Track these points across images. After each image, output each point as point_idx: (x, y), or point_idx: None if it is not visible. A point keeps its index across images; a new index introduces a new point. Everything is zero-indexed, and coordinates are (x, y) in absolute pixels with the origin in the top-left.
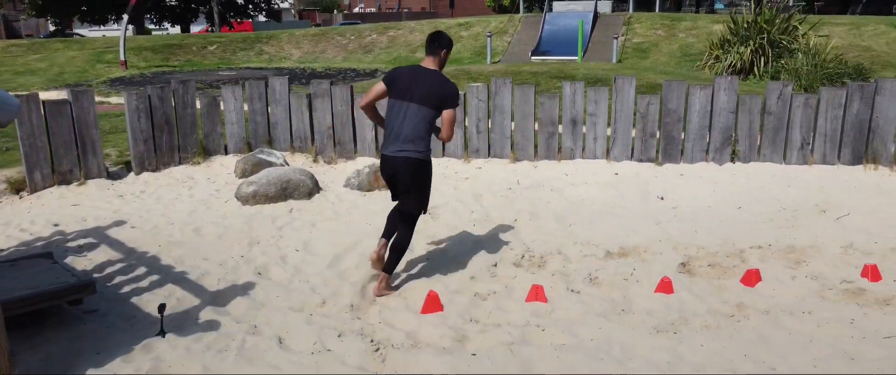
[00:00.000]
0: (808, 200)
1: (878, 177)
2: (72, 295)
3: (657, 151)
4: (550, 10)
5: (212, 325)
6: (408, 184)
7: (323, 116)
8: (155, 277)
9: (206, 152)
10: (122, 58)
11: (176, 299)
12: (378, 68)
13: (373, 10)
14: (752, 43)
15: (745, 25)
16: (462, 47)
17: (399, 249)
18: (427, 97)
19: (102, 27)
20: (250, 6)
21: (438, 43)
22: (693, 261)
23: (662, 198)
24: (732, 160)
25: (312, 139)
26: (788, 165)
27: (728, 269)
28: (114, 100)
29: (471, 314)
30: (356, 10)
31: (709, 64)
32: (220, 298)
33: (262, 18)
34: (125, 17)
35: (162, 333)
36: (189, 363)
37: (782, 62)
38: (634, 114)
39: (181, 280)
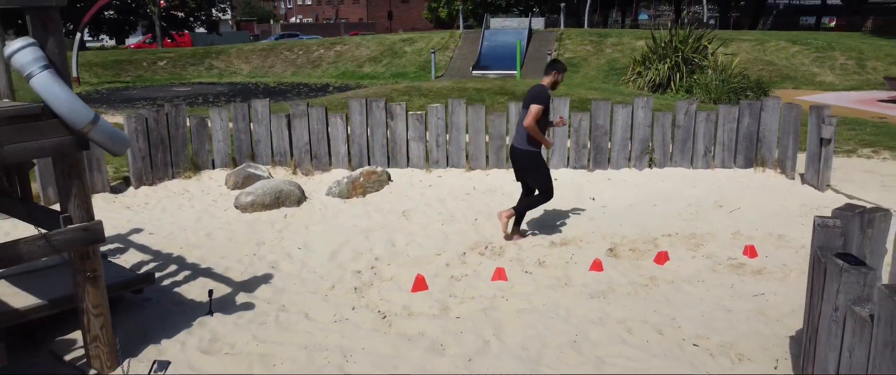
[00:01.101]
0: (709, 198)
1: (764, 178)
2: (137, 285)
3: (588, 160)
4: (488, 27)
5: (248, 306)
6: (516, 167)
7: (301, 134)
8: (187, 272)
9: (196, 167)
10: (74, 74)
11: (212, 288)
12: (328, 83)
13: (310, 20)
14: (668, 60)
15: (663, 44)
16: (407, 62)
17: (519, 210)
18: (525, 101)
19: None
20: (191, 19)
21: (550, 67)
22: (618, 247)
23: (593, 199)
24: (650, 166)
25: (291, 154)
26: (695, 169)
27: (644, 252)
28: None
29: (450, 291)
30: (292, 20)
31: (632, 79)
32: (246, 286)
33: (200, 30)
34: (78, 34)
35: (210, 312)
36: (238, 333)
37: (695, 77)
38: (568, 129)
39: (210, 273)
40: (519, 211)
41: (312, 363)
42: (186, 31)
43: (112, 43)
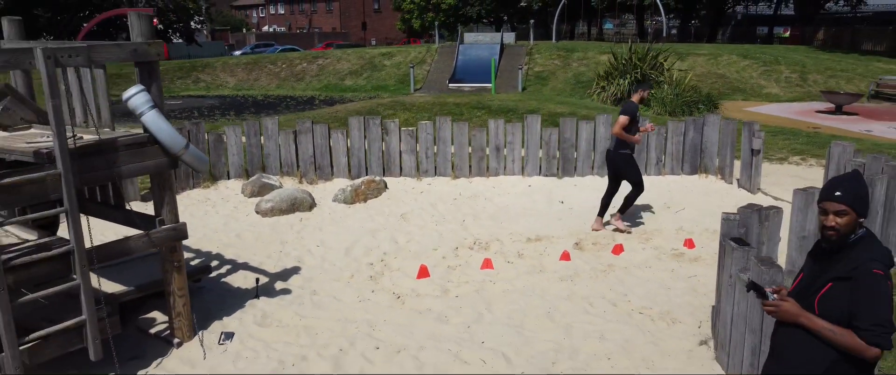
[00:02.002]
0: (659, 200)
1: (707, 183)
2: (197, 275)
3: (558, 168)
4: (462, 42)
5: (285, 291)
6: (611, 167)
7: (306, 148)
8: (229, 266)
9: (214, 177)
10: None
11: (253, 278)
12: (314, 95)
13: (282, 29)
14: (629, 76)
15: (624, 61)
16: (386, 75)
17: (625, 203)
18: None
19: None
20: (169, 31)
21: (637, 86)
22: (582, 241)
23: (562, 202)
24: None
25: (297, 165)
26: (648, 176)
27: (604, 245)
28: None
29: (448, 277)
30: (265, 28)
31: (597, 92)
32: (280, 276)
33: (177, 41)
34: None
35: (257, 296)
36: (283, 311)
37: (652, 92)
38: (540, 142)
39: (247, 267)
40: (623, 207)
41: (346, 331)
42: (163, 43)
43: None
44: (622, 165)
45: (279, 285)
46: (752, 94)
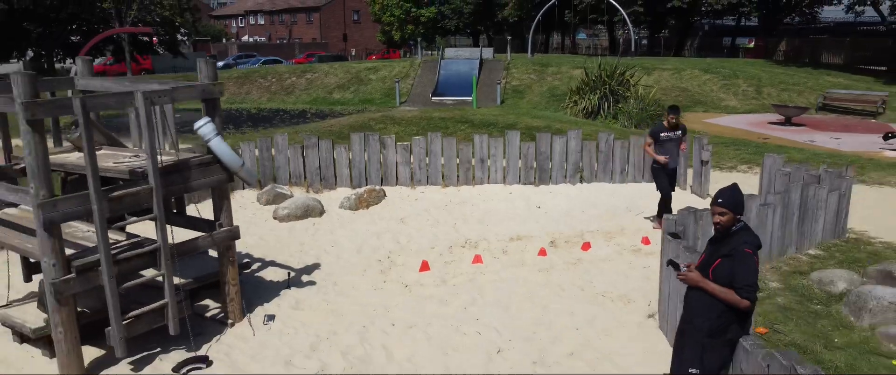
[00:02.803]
0: (622, 205)
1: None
2: (242, 270)
3: (535, 177)
4: (444, 57)
5: (311, 283)
6: None
7: (313, 160)
8: (259, 263)
9: (230, 187)
10: None
11: (281, 273)
12: (305, 109)
13: (263, 39)
14: (598, 92)
15: (594, 77)
16: (372, 89)
17: (658, 208)
18: None
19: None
20: (154, 44)
21: (667, 111)
22: (557, 240)
23: (539, 207)
24: (580, 181)
25: (305, 176)
26: (614, 184)
27: (575, 243)
28: None
29: (445, 271)
30: (245, 38)
31: (570, 106)
32: (305, 271)
33: (162, 52)
34: (72, 69)
35: (289, 286)
36: (312, 298)
37: (619, 106)
38: (520, 154)
39: (275, 264)
40: (658, 212)
41: (366, 312)
42: (149, 57)
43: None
44: (653, 177)
45: (305, 278)
46: (712, 107)
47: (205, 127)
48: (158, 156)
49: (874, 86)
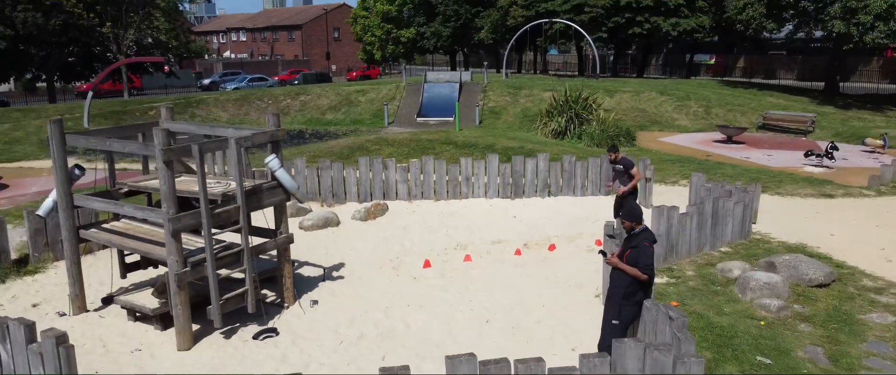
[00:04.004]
0: (583, 214)
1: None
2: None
3: (511, 192)
4: (426, 80)
5: (340, 277)
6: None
7: (326, 180)
8: (297, 263)
9: None
10: (85, 125)
11: (315, 270)
12: (302, 129)
13: (245, 56)
14: (565, 115)
15: (562, 101)
16: (362, 110)
17: None
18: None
19: None
20: (166, 72)
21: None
22: (529, 243)
23: (515, 217)
24: (549, 195)
25: (319, 192)
26: (576, 197)
27: (543, 245)
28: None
29: (443, 267)
30: (226, 54)
31: (540, 127)
32: (333, 269)
33: (154, 72)
34: (90, 94)
35: (324, 280)
36: (344, 288)
37: (584, 128)
38: (498, 173)
39: (308, 264)
40: None
41: (386, 297)
42: (138, 78)
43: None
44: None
45: (335, 274)
46: (667, 126)
47: (273, 161)
48: (242, 182)
49: (809, 107)
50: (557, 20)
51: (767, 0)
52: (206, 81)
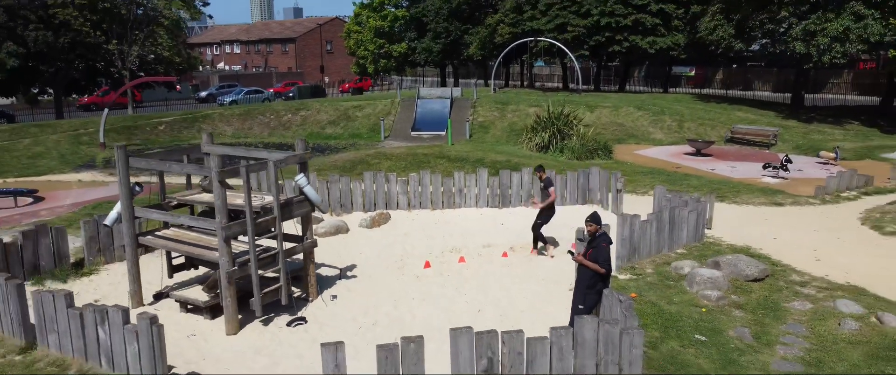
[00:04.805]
0: (561, 222)
1: (591, 209)
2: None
3: (499, 202)
4: (419, 96)
5: (354, 276)
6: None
7: (335, 192)
8: (323, 265)
9: None
10: (101, 140)
11: (332, 270)
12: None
13: (238, 68)
14: (548, 131)
15: (545, 118)
16: (359, 125)
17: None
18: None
19: None
20: (177, 90)
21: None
22: (515, 247)
23: (502, 224)
24: (532, 205)
25: (329, 203)
26: (559, 206)
27: (527, 248)
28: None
29: (441, 267)
30: (220, 65)
31: (526, 141)
32: (347, 269)
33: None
34: (105, 111)
35: (340, 278)
36: (358, 285)
37: (565, 142)
38: (487, 185)
39: (326, 265)
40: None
41: (394, 293)
42: (138, 92)
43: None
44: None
45: (349, 273)
46: (643, 139)
47: (301, 179)
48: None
49: (775, 120)
50: (542, 39)
51: (736, 22)
52: (203, 93)
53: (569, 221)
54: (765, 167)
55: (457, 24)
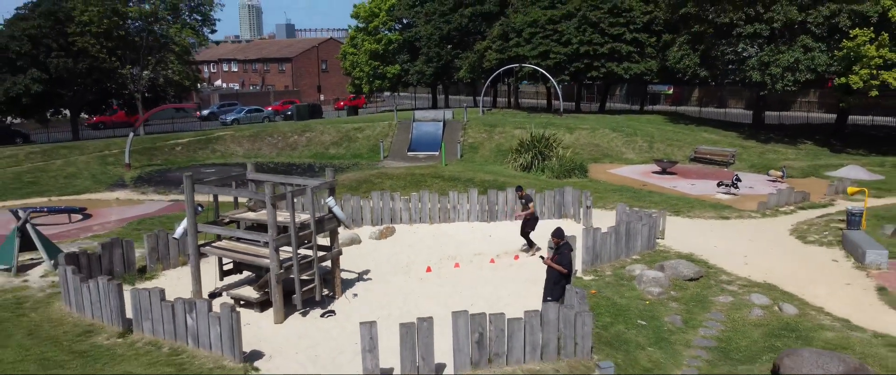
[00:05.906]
0: (539, 233)
1: (565, 223)
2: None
3: (488, 217)
4: (415, 119)
5: (369, 279)
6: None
7: (347, 209)
8: (344, 270)
9: None
10: (127, 161)
11: (352, 275)
12: (310, 162)
13: (235, 86)
14: (531, 152)
15: (528, 141)
16: (360, 145)
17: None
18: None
19: None
20: (197, 116)
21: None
22: (501, 254)
23: (490, 236)
24: (516, 219)
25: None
26: (541, 220)
27: (511, 255)
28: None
29: (440, 272)
30: (217, 83)
31: (511, 162)
32: (363, 274)
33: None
34: (131, 134)
35: (358, 280)
36: (375, 286)
37: (545, 162)
38: (477, 202)
39: (345, 270)
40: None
41: (403, 292)
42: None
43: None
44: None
45: (365, 277)
46: (616, 159)
47: (330, 200)
48: (313, 215)
49: (736, 141)
50: (526, 65)
51: (701, 52)
52: (206, 112)
53: (545, 233)
54: (719, 185)
55: (448, 48)
